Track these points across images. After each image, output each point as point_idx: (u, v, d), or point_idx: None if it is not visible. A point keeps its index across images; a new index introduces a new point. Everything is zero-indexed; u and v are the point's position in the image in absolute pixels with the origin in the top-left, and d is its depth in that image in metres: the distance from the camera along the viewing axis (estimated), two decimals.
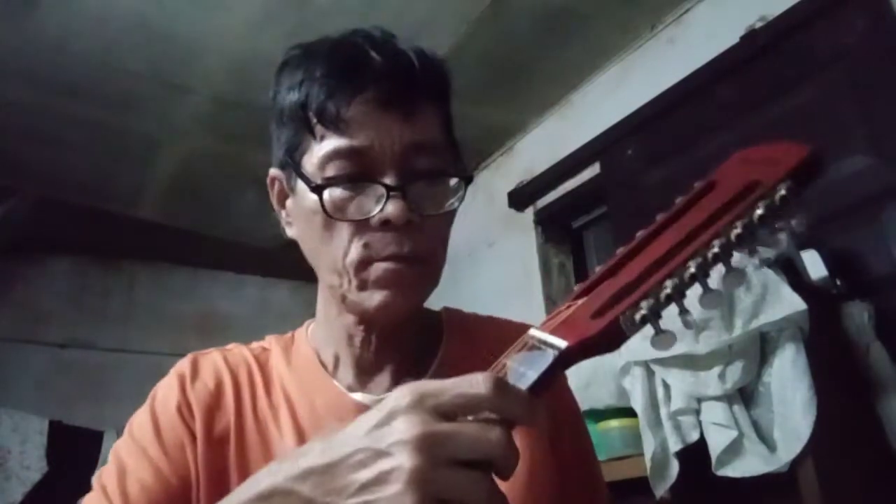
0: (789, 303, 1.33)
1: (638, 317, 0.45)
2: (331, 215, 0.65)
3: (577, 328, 0.47)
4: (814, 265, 1.47)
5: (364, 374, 0.73)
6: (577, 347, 0.46)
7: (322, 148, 0.66)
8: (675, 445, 1.38)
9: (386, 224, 0.64)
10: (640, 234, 0.51)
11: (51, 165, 2.67)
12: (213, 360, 0.74)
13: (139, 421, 0.71)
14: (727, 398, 1.35)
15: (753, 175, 0.47)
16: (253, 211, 3.01)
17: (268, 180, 0.75)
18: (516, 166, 2.67)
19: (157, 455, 0.67)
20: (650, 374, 1.46)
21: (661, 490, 1.40)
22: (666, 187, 2.07)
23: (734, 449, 1.32)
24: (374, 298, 0.65)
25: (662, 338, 0.45)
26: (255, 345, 0.79)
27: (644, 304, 0.45)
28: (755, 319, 1.33)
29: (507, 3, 2.03)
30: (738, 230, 0.44)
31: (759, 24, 1.87)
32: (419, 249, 0.65)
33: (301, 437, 0.68)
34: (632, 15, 2.15)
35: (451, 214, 0.70)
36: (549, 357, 0.45)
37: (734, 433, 1.32)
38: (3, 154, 2.54)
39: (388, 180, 0.64)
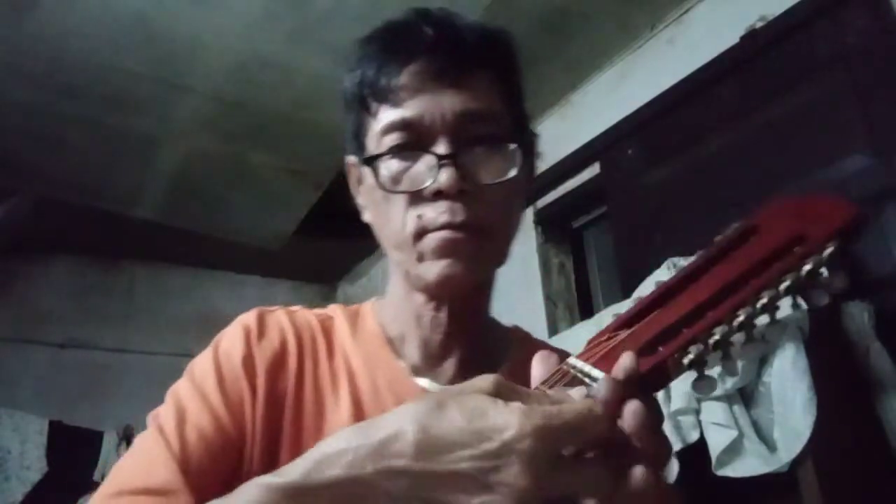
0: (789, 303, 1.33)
1: (686, 361, 0.44)
2: (386, 188, 0.65)
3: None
4: None
5: (430, 357, 0.71)
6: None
7: (377, 123, 0.67)
8: (675, 445, 1.38)
9: (439, 194, 0.63)
10: (682, 268, 0.51)
11: (51, 165, 2.67)
12: (279, 319, 0.73)
13: (201, 367, 0.69)
14: (727, 398, 1.35)
15: (800, 228, 0.46)
16: (253, 211, 3.01)
17: (345, 168, 0.75)
18: None
19: (218, 404, 0.65)
20: None
21: None
22: (666, 187, 2.07)
23: (734, 449, 1.32)
24: (432, 270, 0.64)
25: (706, 383, 0.45)
26: (318, 310, 0.77)
27: (693, 349, 0.45)
28: None
29: (508, 3, 2.03)
30: (787, 283, 0.44)
31: (759, 24, 1.87)
32: (475, 218, 0.64)
33: (359, 412, 0.66)
34: (632, 15, 2.15)
35: (514, 184, 0.67)
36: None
37: (734, 433, 1.32)
38: (3, 154, 2.54)
39: (440, 149, 0.64)
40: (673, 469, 1.38)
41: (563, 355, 0.51)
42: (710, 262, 0.49)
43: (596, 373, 0.46)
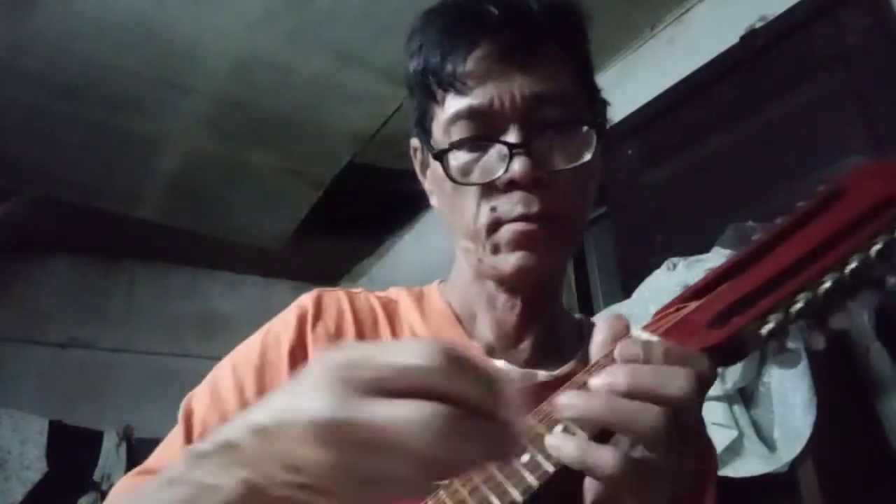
0: None
1: (765, 331, 0.41)
2: (457, 180, 0.63)
3: (692, 335, 0.42)
4: None
5: (505, 338, 0.69)
6: None
7: (444, 112, 0.64)
8: None
9: (512, 184, 0.61)
10: (758, 236, 0.46)
11: (51, 165, 2.67)
12: (337, 300, 0.71)
13: (247, 349, 0.67)
14: (727, 398, 1.35)
15: (890, 190, 0.43)
16: (253, 211, 3.01)
17: (410, 150, 0.72)
18: None
19: (251, 395, 0.63)
20: None
21: None
22: (666, 187, 2.07)
23: (734, 449, 1.32)
24: (509, 261, 0.62)
25: (788, 356, 0.42)
26: (380, 293, 0.75)
27: (772, 318, 0.41)
28: None
29: None
30: (878, 246, 0.40)
31: (759, 24, 1.87)
32: (550, 207, 0.61)
33: None
34: (632, 15, 2.15)
35: (588, 167, 0.64)
36: None
37: (734, 433, 1.32)
38: (3, 154, 2.54)
39: (511, 137, 0.61)
40: None
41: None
42: (790, 229, 0.45)
43: None
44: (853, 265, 0.40)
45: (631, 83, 2.25)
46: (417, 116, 0.69)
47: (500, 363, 0.67)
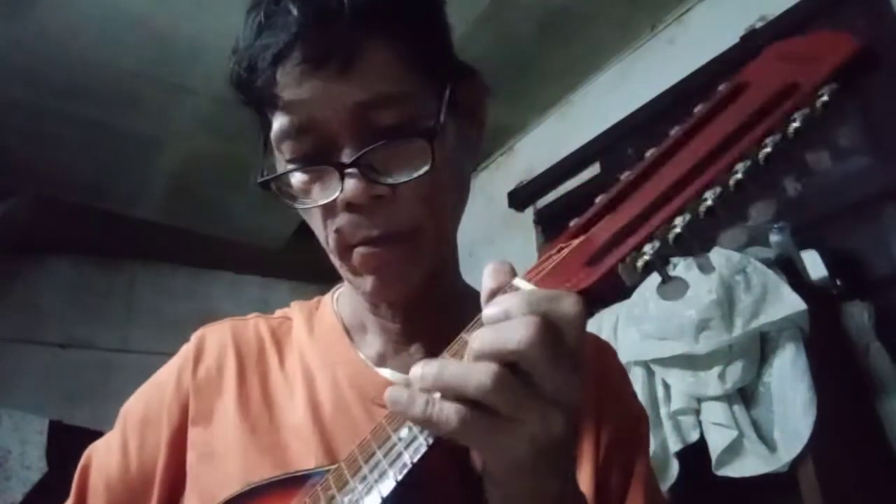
0: (789, 303, 1.33)
1: (641, 263, 0.37)
2: (296, 205, 0.59)
3: (567, 279, 0.39)
4: (814, 265, 1.47)
5: (393, 344, 0.65)
6: None
7: (270, 127, 0.58)
8: (675, 445, 1.38)
9: (350, 206, 0.55)
10: (649, 153, 0.41)
11: (51, 165, 2.67)
12: (220, 337, 0.69)
13: (135, 404, 0.69)
14: (727, 398, 1.35)
15: (791, 76, 0.38)
16: (253, 211, 3.01)
17: None
18: (516, 166, 2.66)
19: (134, 451, 0.65)
20: (650, 374, 1.46)
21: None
22: None
23: (734, 449, 1.32)
24: (367, 283, 0.59)
25: (671, 286, 0.38)
26: (278, 313, 0.73)
27: (648, 247, 0.37)
28: (755, 319, 1.33)
29: (507, 3, 2.03)
30: (767, 149, 0.35)
31: (759, 24, 1.86)
32: (396, 224, 0.56)
33: (316, 413, 0.62)
34: (632, 15, 2.15)
35: (439, 171, 0.55)
36: None
37: (734, 433, 1.32)
38: (3, 154, 2.54)
39: (343, 155, 0.55)
40: (673, 469, 1.39)
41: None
42: (683, 141, 0.40)
43: None
44: (739, 175, 0.35)
45: (631, 83, 2.25)
46: (259, 128, 0.63)
47: (386, 372, 0.64)
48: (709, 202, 0.36)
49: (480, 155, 0.68)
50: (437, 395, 0.39)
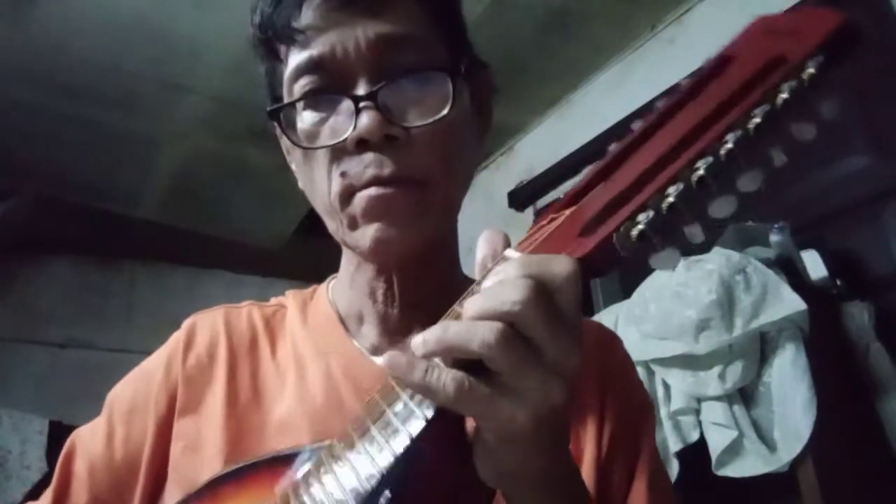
0: (789, 303, 1.33)
1: (635, 233, 0.37)
2: (302, 145, 0.56)
3: (560, 249, 0.39)
4: (814, 265, 1.47)
5: (390, 334, 0.63)
6: None
7: (287, 69, 0.56)
8: (675, 445, 1.38)
9: (362, 143, 0.53)
10: (637, 125, 0.42)
11: (51, 165, 2.67)
12: (212, 324, 0.68)
13: (122, 392, 0.67)
14: (727, 398, 1.35)
15: (777, 49, 0.38)
16: (253, 211, 3.01)
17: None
18: (516, 166, 2.66)
19: (119, 441, 0.63)
20: (650, 374, 1.46)
21: None
22: None
23: (734, 449, 1.32)
24: (367, 235, 0.55)
25: (664, 255, 0.38)
26: (272, 301, 0.72)
27: (642, 217, 0.37)
28: (755, 319, 1.33)
29: (507, 3, 2.03)
30: (757, 119, 0.36)
31: None
32: (407, 169, 0.53)
33: (306, 404, 0.60)
34: (632, 15, 2.15)
35: (454, 122, 0.55)
36: None
37: (734, 433, 1.32)
38: (3, 154, 2.54)
39: (359, 89, 0.53)
40: (673, 469, 1.39)
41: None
42: (671, 111, 0.41)
43: None
44: (729, 145, 0.35)
45: (631, 83, 2.25)
46: (268, 83, 0.61)
47: (381, 360, 0.61)
48: (701, 171, 0.36)
49: (484, 150, 0.66)
50: (437, 360, 0.38)
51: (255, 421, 0.61)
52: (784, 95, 0.36)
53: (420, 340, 0.39)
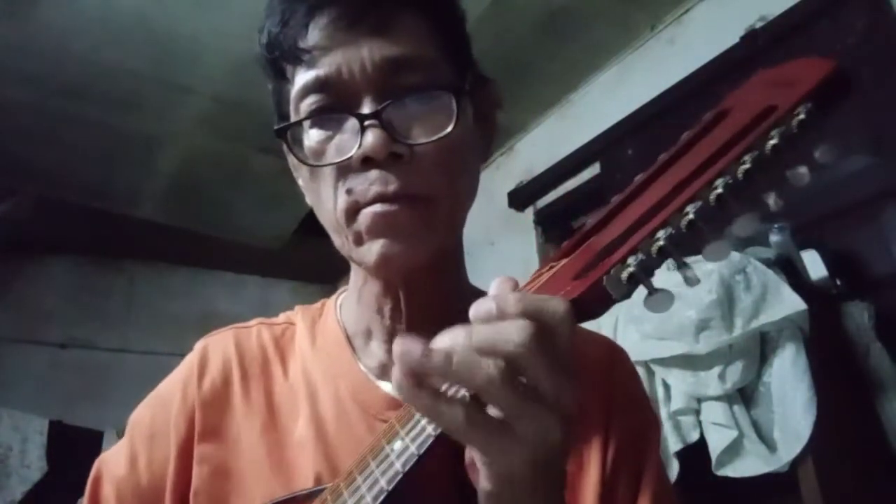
0: (789, 303, 1.33)
1: (625, 275, 0.38)
2: (308, 163, 0.57)
3: (556, 291, 0.40)
4: (814, 265, 1.47)
5: None
6: None
7: (293, 88, 0.58)
8: (675, 445, 1.38)
9: (367, 161, 0.53)
10: (638, 178, 0.44)
11: (51, 165, 2.68)
12: (224, 347, 0.68)
13: (141, 417, 0.67)
14: (727, 398, 1.35)
15: (770, 99, 0.39)
16: (253, 211, 3.01)
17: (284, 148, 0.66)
18: (516, 166, 2.67)
19: (144, 465, 0.64)
20: (650, 374, 1.46)
21: None
22: None
23: (734, 449, 1.32)
24: (372, 251, 0.55)
25: (657, 298, 0.39)
26: (281, 318, 0.71)
27: (632, 259, 0.38)
28: (755, 319, 1.33)
29: (507, 3, 2.03)
30: (746, 165, 0.37)
31: (759, 24, 1.87)
32: (411, 186, 0.54)
33: (321, 431, 0.61)
34: (632, 15, 2.15)
35: (458, 140, 0.56)
36: None
37: (734, 433, 1.32)
38: (3, 154, 2.54)
39: (363, 108, 0.54)
40: (673, 469, 1.39)
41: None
42: (669, 163, 0.42)
43: None
44: (719, 190, 0.37)
45: (631, 83, 2.25)
46: (275, 101, 0.62)
47: (387, 386, 0.62)
48: (690, 216, 0.37)
49: (487, 161, 0.66)
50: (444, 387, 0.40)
51: (276, 445, 0.62)
52: (774, 142, 0.37)
53: (421, 359, 0.39)
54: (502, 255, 2.66)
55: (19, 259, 3.12)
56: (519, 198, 2.61)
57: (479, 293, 0.60)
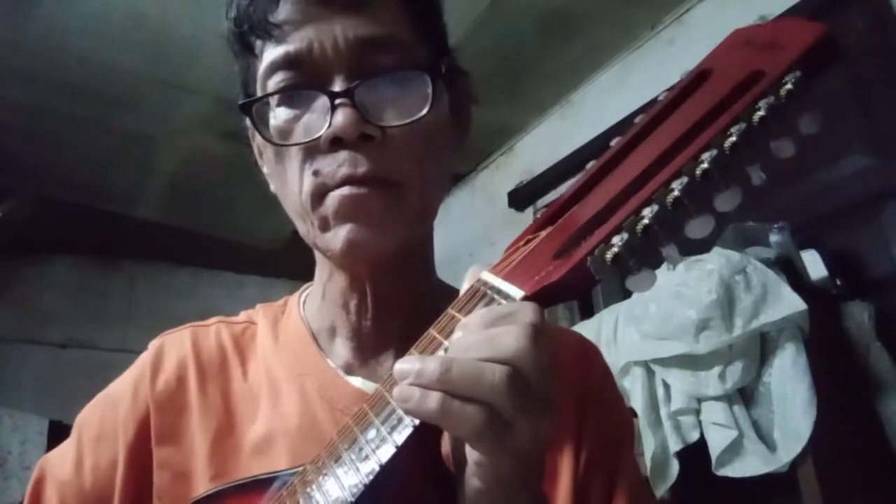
0: (789, 303, 1.33)
1: (610, 256, 0.37)
2: (275, 142, 0.55)
3: (535, 272, 0.39)
4: (814, 265, 1.47)
5: (364, 349, 0.61)
6: (537, 298, 0.38)
7: (261, 65, 0.55)
8: (675, 445, 1.38)
9: (336, 142, 0.51)
10: (614, 142, 0.42)
11: (51, 165, 2.68)
12: (180, 347, 0.65)
13: (90, 417, 0.64)
14: (727, 398, 1.35)
15: (755, 64, 0.37)
16: (253, 211, 3.01)
17: (248, 132, 0.63)
18: (516, 166, 2.67)
19: (88, 473, 0.61)
20: (650, 374, 1.46)
21: (661, 490, 1.40)
22: None
23: (734, 449, 1.32)
24: (339, 237, 0.53)
25: (640, 277, 0.37)
26: (241, 317, 0.69)
27: (617, 239, 0.37)
28: (755, 319, 1.33)
29: (507, 3, 2.03)
30: (733, 138, 0.35)
31: None
32: (382, 169, 0.52)
33: (282, 426, 0.58)
34: (632, 15, 2.15)
35: (431, 124, 0.54)
36: None
37: (734, 433, 1.32)
38: (3, 154, 2.54)
39: (334, 86, 0.52)
40: (673, 469, 1.39)
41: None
42: (649, 128, 0.40)
43: (506, 287, 0.39)
44: (705, 165, 0.35)
45: (631, 83, 2.25)
46: (241, 80, 0.60)
47: (357, 381, 0.60)
48: (676, 193, 0.35)
49: (462, 157, 0.66)
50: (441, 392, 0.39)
51: (231, 444, 0.59)
52: (761, 113, 0.35)
53: (415, 369, 0.39)
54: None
55: (19, 259, 3.12)
56: (519, 198, 2.61)
57: (449, 290, 0.59)
